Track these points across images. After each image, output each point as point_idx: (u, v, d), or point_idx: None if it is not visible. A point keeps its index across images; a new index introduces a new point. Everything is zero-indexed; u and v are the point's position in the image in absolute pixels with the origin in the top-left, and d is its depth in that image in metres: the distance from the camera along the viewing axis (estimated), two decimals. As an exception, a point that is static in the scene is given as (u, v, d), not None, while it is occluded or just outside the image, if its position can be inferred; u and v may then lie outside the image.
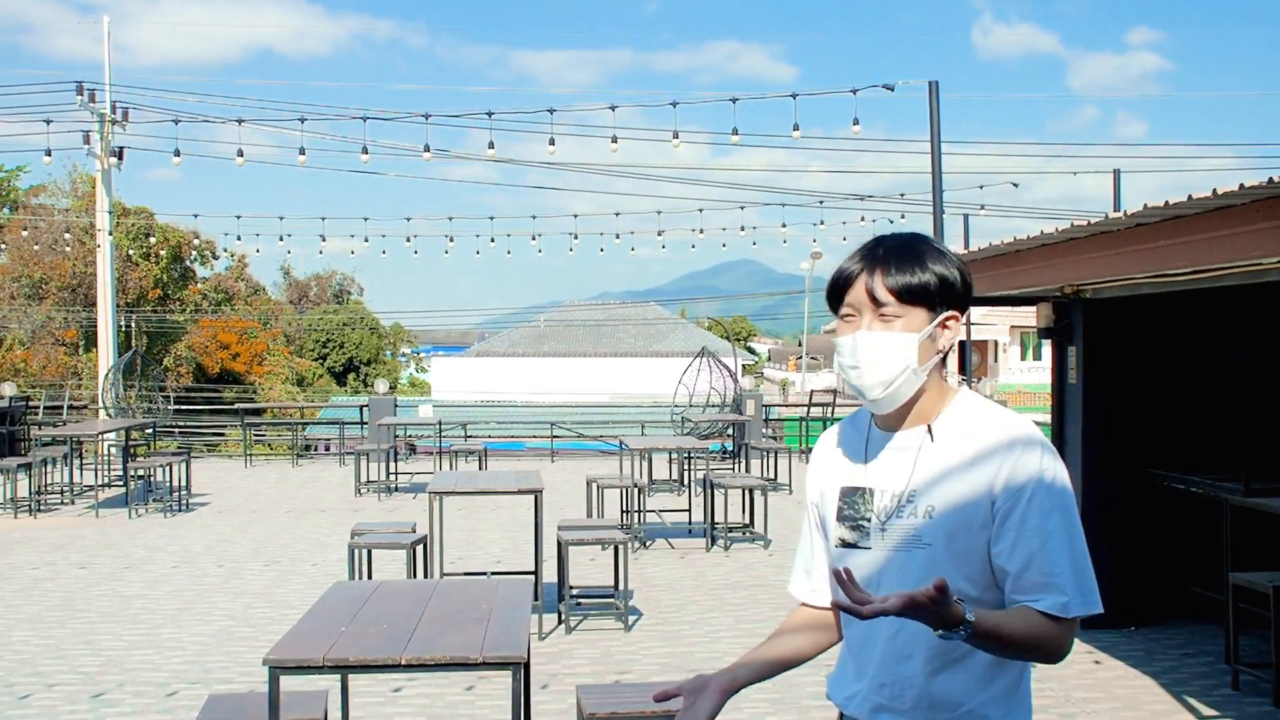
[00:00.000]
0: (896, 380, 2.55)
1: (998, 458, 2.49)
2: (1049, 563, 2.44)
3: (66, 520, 15.66)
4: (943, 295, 2.56)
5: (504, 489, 10.30)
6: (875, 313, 2.56)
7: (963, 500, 2.49)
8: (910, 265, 2.55)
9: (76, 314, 48.62)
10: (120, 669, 8.48)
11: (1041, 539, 2.44)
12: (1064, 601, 2.43)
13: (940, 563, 2.49)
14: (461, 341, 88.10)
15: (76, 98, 25.82)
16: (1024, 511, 2.45)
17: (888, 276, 2.55)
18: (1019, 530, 2.45)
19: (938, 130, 20.67)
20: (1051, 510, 2.46)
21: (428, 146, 22.28)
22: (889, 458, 2.63)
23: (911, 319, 2.55)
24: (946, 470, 2.53)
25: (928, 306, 2.55)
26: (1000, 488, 2.47)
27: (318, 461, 24.00)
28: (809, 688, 7.89)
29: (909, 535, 2.54)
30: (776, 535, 13.60)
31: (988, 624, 2.35)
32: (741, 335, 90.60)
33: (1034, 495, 2.46)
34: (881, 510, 2.60)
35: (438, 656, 4.61)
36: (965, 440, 2.54)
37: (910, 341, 2.54)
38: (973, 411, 2.60)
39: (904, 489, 2.57)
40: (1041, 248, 8.47)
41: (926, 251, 2.58)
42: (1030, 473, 2.47)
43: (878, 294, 2.55)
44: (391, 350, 78.83)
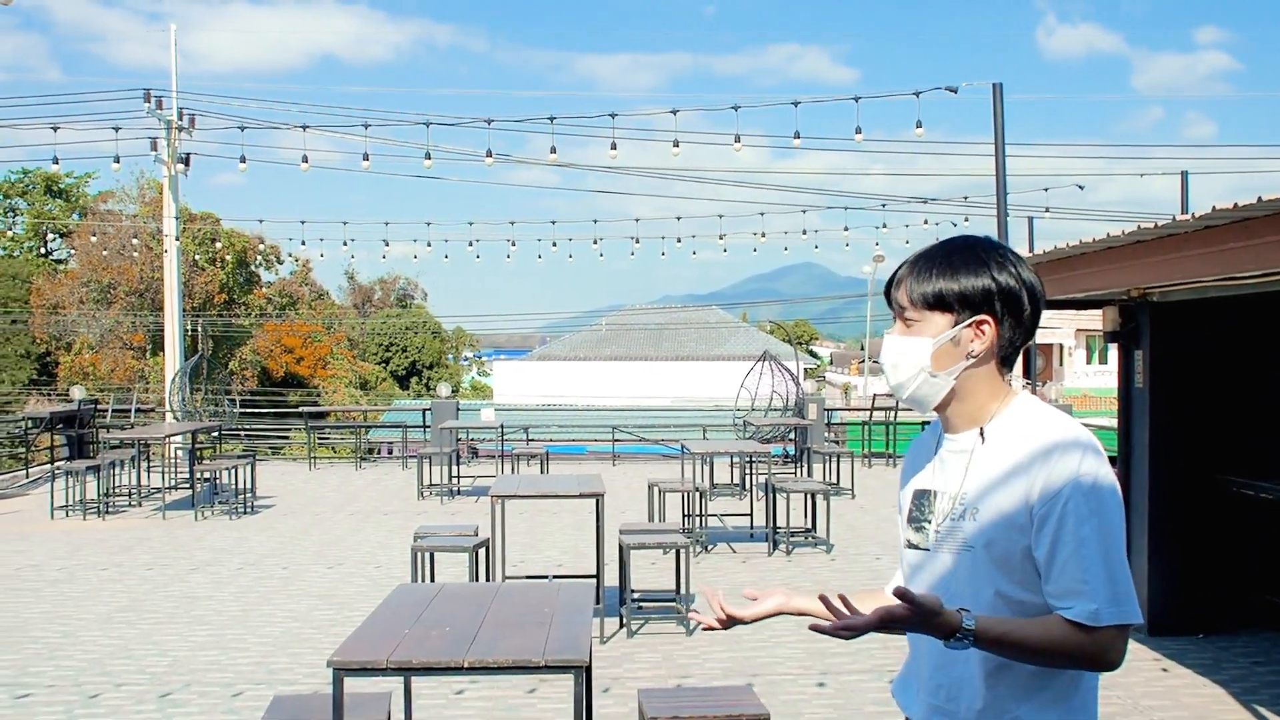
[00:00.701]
0: (913, 384, 2.64)
1: (1038, 461, 2.47)
2: (1081, 569, 2.41)
3: (134, 522, 15.84)
4: (964, 302, 2.58)
5: (566, 492, 10.31)
6: (901, 318, 2.67)
7: (1003, 504, 2.50)
8: (930, 273, 2.61)
9: (144, 318, 49.21)
10: (187, 669, 8.56)
11: (1075, 544, 2.41)
12: (1093, 609, 2.39)
13: (982, 566, 2.52)
14: (523, 345, 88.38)
15: (144, 105, 26.14)
16: (1060, 516, 2.43)
17: (908, 283, 2.64)
18: (1054, 535, 2.43)
19: (1002, 132, 20.54)
20: (1088, 516, 2.42)
21: (490, 151, 22.41)
22: (949, 460, 2.67)
23: (930, 324, 2.61)
24: (992, 473, 2.54)
25: (949, 312, 2.59)
26: (1038, 492, 2.45)
27: (381, 465, 24.13)
28: (872, 694, 7.85)
29: (958, 538, 2.57)
30: (839, 540, 13.54)
31: (993, 632, 2.38)
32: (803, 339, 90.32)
33: (1070, 500, 2.43)
34: (940, 513, 2.63)
35: (500, 659, 4.62)
36: (1012, 443, 2.54)
37: (923, 346, 2.61)
38: (1024, 414, 2.59)
39: (958, 491, 2.60)
40: (1107, 250, 8.38)
41: (965, 259, 2.61)
42: (1067, 476, 2.44)
43: (899, 300, 2.67)
44: (454, 354, 79.24)
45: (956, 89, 21.11)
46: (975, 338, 2.59)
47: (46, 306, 51.54)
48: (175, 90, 27.36)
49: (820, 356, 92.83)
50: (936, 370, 2.60)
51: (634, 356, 60.80)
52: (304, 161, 23.56)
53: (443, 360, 74.00)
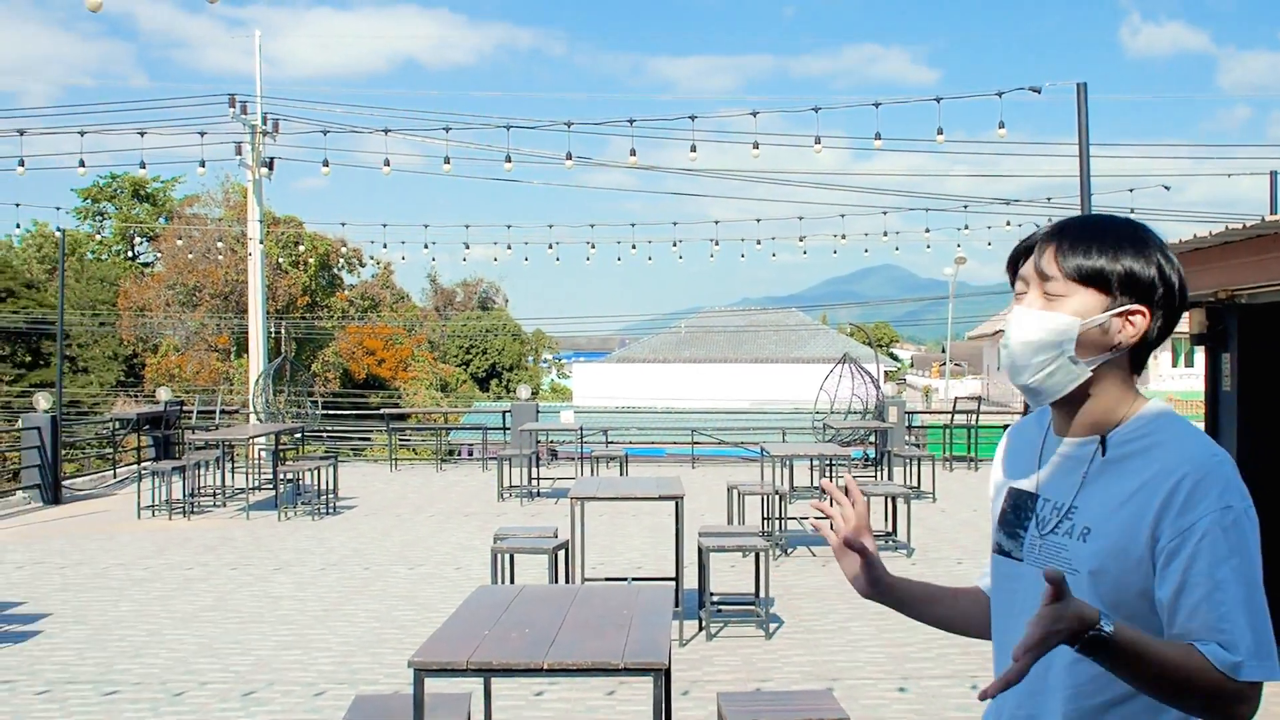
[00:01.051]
0: (1048, 367, 2.26)
1: (1169, 486, 2.13)
2: (1217, 615, 2.06)
3: (218, 522, 16.03)
4: (1126, 285, 2.23)
5: (645, 495, 10.31)
6: (1040, 288, 2.29)
7: (1121, 531, 2.17)
8: (1090, 245, 2.25)
9: (228, 320, 49.90)
10: (270, 669, 8.65)
11: (1210, 587, 2.07)
12: (1235, 661, 2.03)
13: (1085, 595, 2.15)
14: (602, 347, 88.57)
15: (229, 110, 26.49)
16: (1192, 553, 2.08)
17: (1060, 251, 2.26)
18: (1184, 575, 2.09)
19: (1086, 132, 20.27)
20: (1226, 556, 2.07)
21: (570, 154, 22.44)
22: (1058, 464, 2.35)
23: (1080, 301, 2.24)
24: (1112, 492, 2.22)
25: (1105, 293, 2.23)
26: (1167, 523, 2.12)
27: (461, 466, 24.27)
28: (954, 699, 7.77)
29: (1061, 558, 2.26)
30: (919, 544, 13.44)
31: (1127, 636, 1.98)
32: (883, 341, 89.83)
33: (1206, 536, 2.08)
34: (1042, 522, 2.33)
35: (580, 662, 4.62)
36: (1140, 460, 2.21)
37: (1068, 324, 2.24)
38: (1155, 427, 2.26)
39: (1066, 503, 2.28)
40: (1195, 252, 8.26)
41: (1123, 238, 2.27)
42: (1206, 509, 2.09)
43: (1045, 268, 2.28)
44: (533, 356, 79.61)
45: (1040, 89, 20.86)
46: (1124, 328, 2.25)
47: (133, 309, 52.43)
48: (260, 95, 27.73)
49: (900, 359, 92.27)
50: (1079, 356, 2.25)
51: (713, 359, 60.73)
52: (386, 165, 23.74)
53: (522, 362, 74.39)
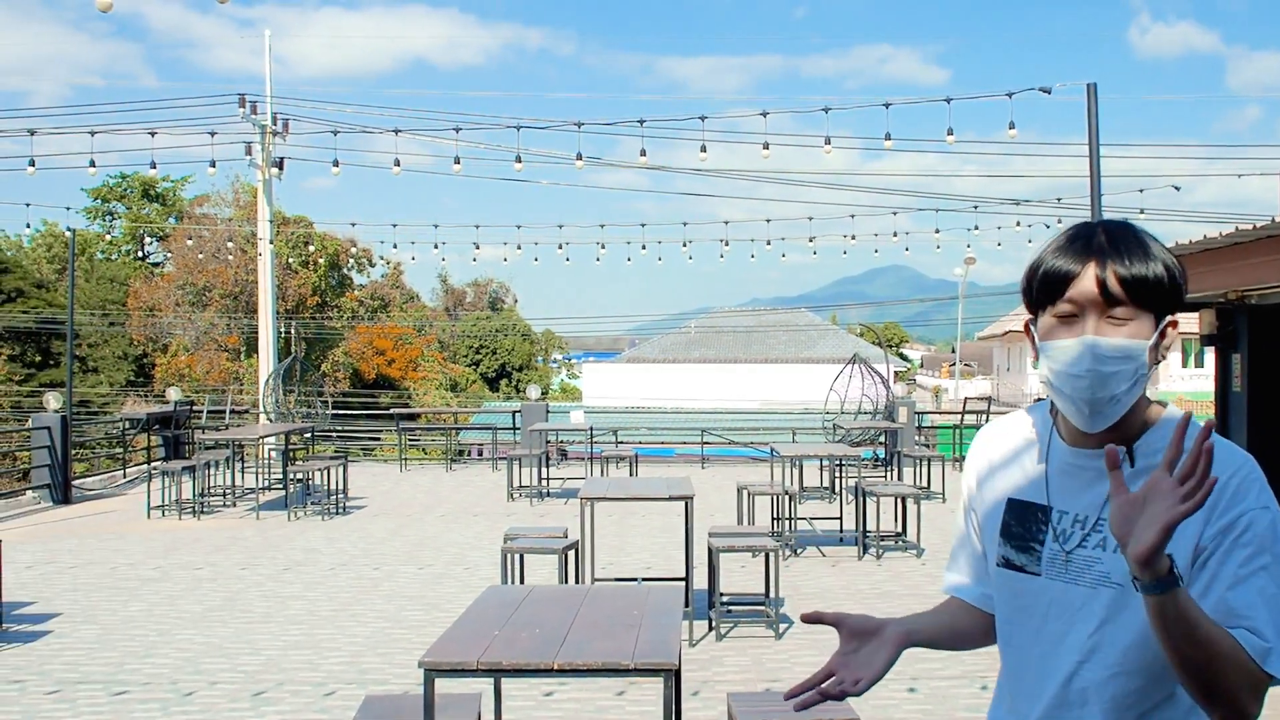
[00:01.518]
0: (1129, 394, 2.19)
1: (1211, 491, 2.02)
2: (1246, 605, 2.06)
3: (228, 522, 16.05)
4: (1169, 295, 2.19)
5: (655, 495, 10.31)
6: (1104, 314, 2.18)
7: None
8: (1144, 259, 2.18)
9: (238, 320, 49.97)
10: (279, 669, 8.65)
11: (1239, 579, 2.07)
12: (1267, 648, 2.03)
13: (1133, 605, 2.14)
14: (612, 348, 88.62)
15: (239, 110, 26.52)
16: (1227, 550, 2.09)
17: (1122, 270, 2.17)
18: (1217, 570, 2.10)
19: (1096, 133, 20.22)
20: (1259, 552, 2.08)
21: (580, 154, 22.42)
22: (1075, 477, 2.29)
23: (1143, 321, 2.18)
24: None
25: (1155, 309, 2.19)
26: (1209, 526, 2.11)
27: (471, 466, 24.28)
28: (964, 699, 7.76)
29: (1093, 570, 2.21)
30: (929, 544, 13.42)
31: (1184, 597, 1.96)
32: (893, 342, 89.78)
33: (1241, 534, 2.09)
34: (1061, 535, 2.27)
35: (590, 662, 4.61)
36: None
37: (1142, 349, 2.17)
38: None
39: (1094, 516, 2.23)
40: (1205, 252, 8.25)
41: (1150, 242, 2.22)
42: (1240, 510, 2.10)
43: (1113, 291, 2.17)
44: (543, 356, 79.68)
45: (1050, 89, 20.81)
46: (1162, 339, 2.22)
47: (143, 309, 52.53)
48: (270, 95, 27.74)
49: (910, 359, 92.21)
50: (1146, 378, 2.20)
51: (723, 359, 60.74)
52: (396, 165, 23.74)
53: (532, 362, 74.47)
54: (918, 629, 2.48)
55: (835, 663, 2.38)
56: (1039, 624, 2.27)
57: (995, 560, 2.39)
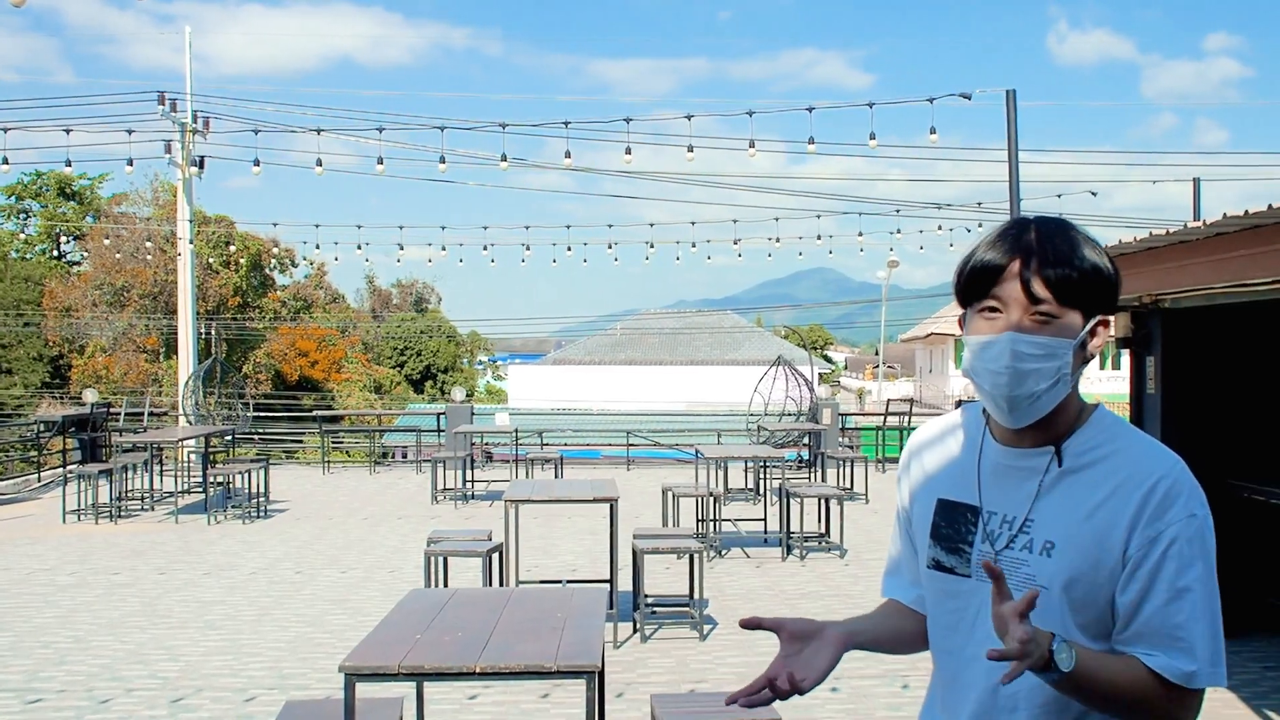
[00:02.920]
0: (1049, 392, 2.18)
1: (1137, 496, 2.13)
2: (1177, 622, 2.09)
3: (146, 526, 15.83)
4: (1099, 294, 2.20)
5: (580, 497, 10.29)
6: (1029, 311, 2.18)
7: (1090, 541, 2.15)
8: (1069, 257, 2.17)
9: (157, 321, 49.37)
10: (199, 675, 8.54)
11: (1174, 593, 2.10)
12: (1190, 670, 2.09)
13: (1054, 608, 2.15)
14: (538, 349, 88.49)
15: (158, 107, 26.18)
16: (1159, 560, 2.10)
17: (1047, 269, 2.17)
18: (1149, 581, 2.10)
19: (1015, 138, 20.50)
20: (1191, 562, 2.11)
21: (505, 155, 22.36)
22: (1006, 476, 2.28)
23: (1069, 319, 2.17)
24: (1074, 503, 2.18)
25: (1083, 308, 2.18)
26: (1137, 532, 2.11)
27: (395, 469, 24.14)
28: (884, 698, 7.81)
29: (1019, 572, 2.20)
30: (852, 545, 13.49)
31: (1089, 664, 2.05)
32: (818, 344, 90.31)
33: (1173, 544, 2.10)
34: (991, 537, 2.26)
35: (512, 665, 4.59)
36: (1099, 468, 2.19)
37: (1065, 348, 2.17)
38: (1110, 435, 2.23)
39: (1021, 517, 2.23)
40: (1120, 257, 8.35)
41: (1080, 241, 2.21)
42: (1174, 517, 2.11)
43: (1036, 290, 2.16)
44: (468, 358, 79.39)
45: (970, 95, 21.04)
46: (1092, 338, 2.22)
47: (59, 309, 51.74)
48: (190, 93, 27.42)
49: (834, 361, 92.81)
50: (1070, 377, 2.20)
51: (648, 361, 60.81)
52: (318, 165, 23.55)
53: (457, 364, 74.18)
54: (858, 631, 2.45)
55: (777, 666, 2.33)
56: (970, 626, 2.26)
57: (925, 562, 2.37)
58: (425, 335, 73.03)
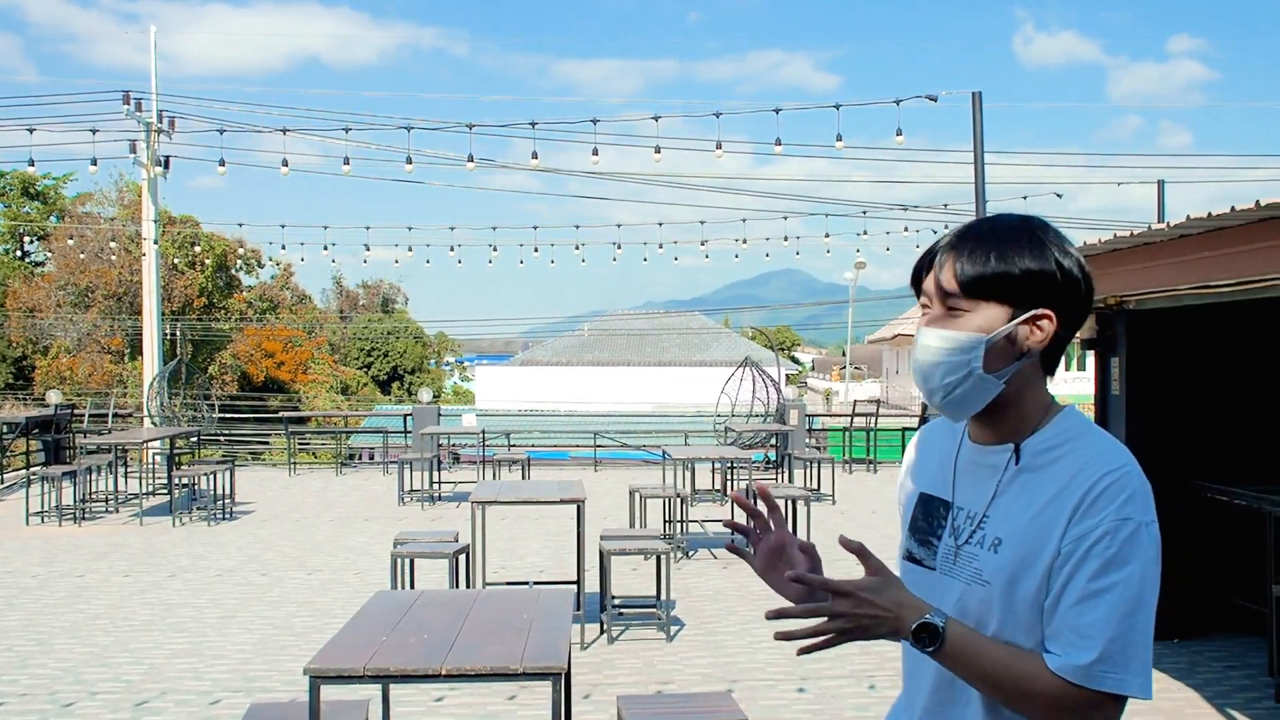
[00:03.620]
0: (959, 386, 2.19)
1: (1077, 495, 2.10)
2: (1086, 620, 2.05)
3: (111, 528, 15.74)
4: (1030, 290, 2.17)
5: (547, 499, 10.27)
6: (943, 304, 2.22)
7: (1032, 540, 2.14)
8: (987, 254, 2.18)
9: (122, 322, 49.04)
10: (163, 677, 8.50)
11: (1087, 591, 2.05)
12: (1084, 665, 2.03)
13: (997, 607, 2.16)
14: (505, 350, 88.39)
15: (123, 107, 25.99)
16: (1081, 558, 2.07)
17: (959, 264, 2.19)
18: (1069, 578, 2.08)
19: (981, 140, 20.57)
20: (1115, 564, 2.06)
21: (471, 156, 22.30)
22: (973, 473, 2.30)
23: (984, 314, 2.18)
24: (1026, 502, 2.18)
25: (1007, 303, 2.17)
26: (1070, 529, 2.09)
27: (361, 470, 24.06)
28: (851, 699, 7.82)
29: (973, 567, 2.21)
30: (820, 545, 13.47)
31: (964, 644, 2.08)
32: (785, 345, 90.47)
33: (1099, 543, 2.06)
34: (954, 531, 2.28)
35: (478, 667, 4.58)
36: (1052, 469, 2.17)
37: (974, 342, 2.17)
38: (1070, 436, 2.21)
39: (981, 513, 2.24)
40: (1086, 258, 8.41)
41: (1019, 239, 2.20)
42: (1106, 517, 2.07)
43: (945, 284, 2.21)
44: (435, 359, 79.19)
45: (936, 97, 21.11)
46: (1032, 333, 2.19)
47: (23, 310, 51.35)
48: (155, 92, 27.25)
49: (802, 362, 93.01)
50: (988, 371, 2.18)
51: (616, 362, 60.82)
52: (284, 165, 23.44)
53: (425, 365, 73.98)
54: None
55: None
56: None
57: (901, 554, 2.42)
58: (392, 336, 72.81)
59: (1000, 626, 2.15)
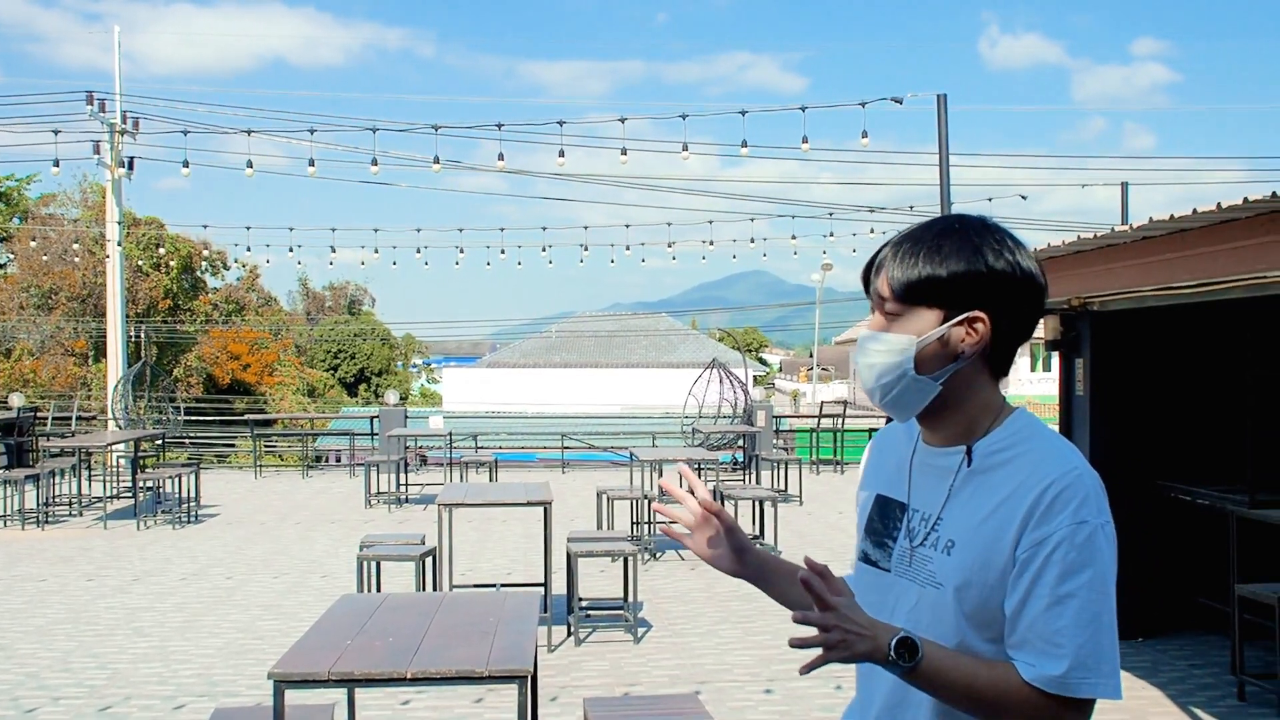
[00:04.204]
0: (894, 388, 2.23)
1: (1030, 500, 2.11)
2: (1054, 629, 2.06)
3: (74, 532, 15.63)
4: (961, 293, 2.18)
5: (514, 501, 10.25)
6: (881, 309, 2.27)
7: (984, 542, 2.15)
8: (915, 258, 2.21)
9: (86, 324, 48.70)
10: (127, 682, 8.44)
11: (1052, 600, 2.06)
12: (1058, 675, 2.05)
13: (949, 610, 2.17)
14: (472, 352, 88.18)
15: (86, 107, 25.80)
16: (1041, 566, 2.08)
17: (893, 269, 2.23)
18: (1030, 587, 2.08)
19: (946, 143, 20.64)
20: (1076, 569, 2.07)
21: (438, 158, 22.22)
22: (927, 475, 2.31)
23: (915, 319, 2.21)
24: (977, 504, 2.19)
25: (938, 306, 2.19)
26: (1025, 535, 2.10)
27: (328, 473, 23.97)
28: (818, 700, 7.84)
29: (926, 569, 2.23)
30: (787, 547, 13.54)
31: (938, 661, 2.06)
32: (752, 346, 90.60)
33: (1057, 549, 2.07)
34: (908, 533, 2.29)
35: (444, 670, 4.57)
36: (1003, 471, 2.19)
37: (905, 345, 2.21)
38: (1021, 438, 2.22)
39: (934, 514, 2.25)
40: (1049, 260, 8.44)
41: (949, 242, 2.21)
42: (1060, 523, 2.08)
43: (880, 290, 2.25)
44: (402, 361, 78.94)
45: (902, 100, 21.16)
46: (966, 336, 2.20)
47: (-14, 312, 50.95)
48: (119, 93, 27.08)
49: (769, 364, 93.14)
50: (922, 373, 2.21)
51: (583, 364, 60.75)
52: (249, 166, 23.31)
53: (391, 367, 73.73)
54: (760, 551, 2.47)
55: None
56: (886, 620, 2.21)
57: (857, 555, 2.42)
58: (359, 338, 72.57)
59: (953, 629, 2.16)
